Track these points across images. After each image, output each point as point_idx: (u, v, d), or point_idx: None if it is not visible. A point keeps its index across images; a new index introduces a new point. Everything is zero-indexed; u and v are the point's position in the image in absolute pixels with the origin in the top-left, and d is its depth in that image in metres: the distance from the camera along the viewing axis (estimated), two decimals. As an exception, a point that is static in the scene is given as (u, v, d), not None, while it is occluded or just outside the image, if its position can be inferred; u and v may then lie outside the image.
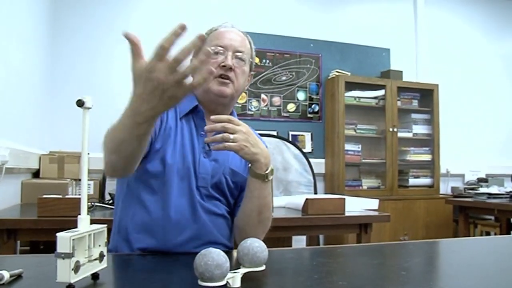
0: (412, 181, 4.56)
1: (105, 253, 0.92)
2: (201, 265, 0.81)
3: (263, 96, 4.31)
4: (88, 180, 0.90)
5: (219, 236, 1.33)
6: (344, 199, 2.43)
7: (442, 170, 4.73)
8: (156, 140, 1.28)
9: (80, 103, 0.85)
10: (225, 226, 1.38)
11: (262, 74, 4.32)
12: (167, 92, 0.90)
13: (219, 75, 1.34)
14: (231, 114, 1.44)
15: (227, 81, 1.34)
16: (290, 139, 4.29)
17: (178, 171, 1.29)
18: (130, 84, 0.95)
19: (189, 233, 1.26)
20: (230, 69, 1.34)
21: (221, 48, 1.36)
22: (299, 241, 3.57)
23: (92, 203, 2.47)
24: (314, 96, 4.49)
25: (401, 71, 4.60)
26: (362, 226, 2.41)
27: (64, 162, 3.06)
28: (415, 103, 4.69)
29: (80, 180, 0.89)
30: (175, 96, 0.91)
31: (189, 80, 0.90)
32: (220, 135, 1.18)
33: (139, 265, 1.11)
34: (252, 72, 1.49)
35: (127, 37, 0.90)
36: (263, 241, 0.98)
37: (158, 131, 1.28)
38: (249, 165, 1.25)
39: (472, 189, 4.42)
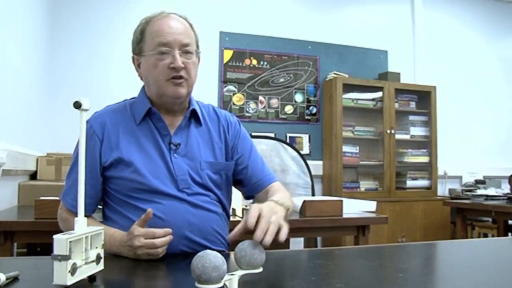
0: (409, 183, 4.56)
1: (102, 255, 0.91)
2: (198, 268, 0.81)
3: (260, 98, 4.31)
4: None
5: (212, 233, 1.32)
6: (341, 201, 2.43)
7: (440, 172, 4.73)
8: (118, 165, 1.28)
9: (77, 105, 0.86)
10: (219, 223, 1.37)
11: (260, 76, 4.32)
12: (137, 251, 1.13)
13: (171, 77, 1.29)
14: (189, 103, 1.40)
15: (180, 80, 1.30)
16: (288, 141, 4.29)
17: (157, 177, 1.28)
18: (127, 86, 0.95)
19: (179, 233, 1.24)
20: (181, 68, 1.29)
21: (167, 48, 1.29)
22: (297, 243, 3.57)
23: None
24: (312, 98, 4.49)
25: (399, 73, 4.60)
26: (359, 228, 2.41)
27: (61, 164, 3.05)
28: (412, 105, 4.70)
29: (77, 182, 0.89)
30: (139, 256, 1.14)
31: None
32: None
33: (136, 267, 1.11)
34: (200, 52, 1.40)
35: (149, 214, 1.15)
36: (261, 243, 0.97)
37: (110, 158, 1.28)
38: None
39: (470, 191, 4.43)
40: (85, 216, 1.28)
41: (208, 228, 1.31)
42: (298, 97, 4.45)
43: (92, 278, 0.88)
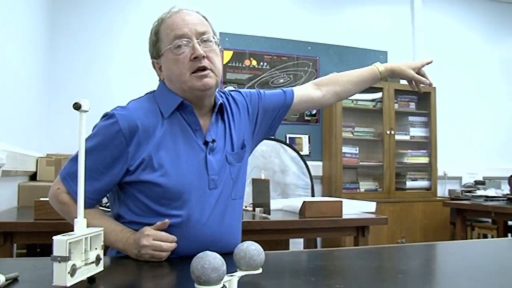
0: (409, 184, 4.56)
1: (101, 256, 0.91)
2: (198, 269, 0.81)
3: (260, 98, 4.31)
4: (85, 183, 0.90)
5: (232, 244, 1.29)
6: (341, 201, 2.43)
7: (440, 173, 4.74)
8: (144, 166, 1.20)
9: (77, 106, 0.85)
10: (239, 227, 1.36)
11: (260, 77, 4.33)
12: (141, 250, 1.13)
13: (195, 69, 1.22)
14: (214, 98, 1.33)
15: (206, 72, 1.22)
16: (288, 141, 4.29)
17: (186, 180, 1.21)
18: (127, 87, 0.95)
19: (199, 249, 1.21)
20: (203, 57, 1.22)
21: (184, 40, 1.22)
22: (297, 244, 3.57)
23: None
24: (312, 99, 4.49)
25: (399, 74, 4.60)
26: (359, 229, 2.41)
27: (61, 164, 3.04)
28: (412, 105, 4.70)
29: (76, 183, 0.89)
30: (142, 256, 1.14)
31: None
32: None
33: (135, 268, 1.11)
34: (220, 47, 1.33)
35: (165, 224, 1.17)
36: (260, 244, 0.97)
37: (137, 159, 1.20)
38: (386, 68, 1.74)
39: (470, 191, 4.43)
40: (89, 208, 1.19)
41: (229, 241, 1.26)
42: (298, 98, 4.44)
43: (91, 279, 0.88)
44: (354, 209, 2.62)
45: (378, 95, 4.50)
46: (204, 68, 1.23)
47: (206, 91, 1.25)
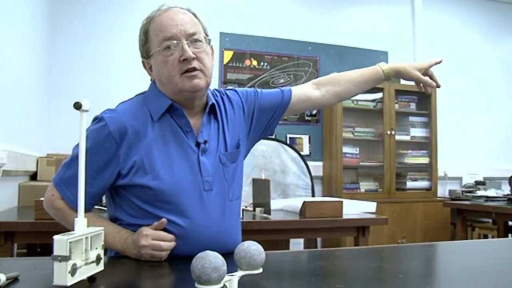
0: (409, 184, 4.56)
1: (102, 255, 0.91)
2: (198, 268, 0.81)
3: (261, 99, 4.31)
4: (85, 182, 0.90)
5: (231, 245, 1.28)
6: (341, 202, 2.43)
7: (440, 173, 4.73)
8: (135, 169, 1.19)
9: (77, 106, 0.85)
10: (238, 228, 1.34)
11: (260, 77, 4.33)
12: (141, 250, 1.13)
13: (184, 70, 1.20)
14: (206, 98, 1.32)
15: (195, 72, 1.21)
16: (288, 142, 4.29)
17: (179, 182, 1.20)
18: (127, 87, 0.95)
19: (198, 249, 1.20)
20: (193, 58, 1.20)
21: (173, 41, 1.20)
22: (297, 244, 3.57)
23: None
24: (312, 99, 4.49)
25: (399, 74, 4.60)
26: (359, 229, 2.41)
27: (61, 164, 3.04)
28: (412, 106, 4.70)
29: (77, 182, 0.89)
30: (142, 256, 1.14)
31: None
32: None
33: (136, 268, 1.11)
34: (212, 44, 1.31)
35: (163, 224, 1.16)
36: (260, 243, 0.97)
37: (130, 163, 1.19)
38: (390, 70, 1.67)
39: (470, 192, 4.43)
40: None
41: (229, 242, 1.24)
42: (298, 98, 4.44)
43: (92, 279, 0.88)
44: (355, 209, 2.62)
45: (379, 95, 4.50)
46: (193, 69, 1.21)
47: (196, 93, 1.24)
